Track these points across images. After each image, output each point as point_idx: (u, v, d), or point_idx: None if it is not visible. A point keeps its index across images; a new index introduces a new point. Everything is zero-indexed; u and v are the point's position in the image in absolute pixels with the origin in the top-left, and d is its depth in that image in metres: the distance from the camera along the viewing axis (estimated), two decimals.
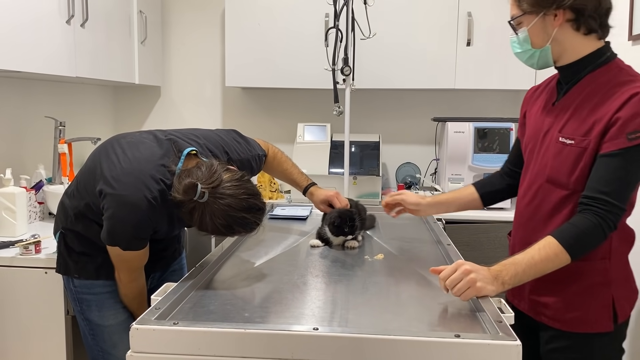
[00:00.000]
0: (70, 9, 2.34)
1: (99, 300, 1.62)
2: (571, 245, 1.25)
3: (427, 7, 3.00)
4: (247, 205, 1.35)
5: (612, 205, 1.25)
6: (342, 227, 1.65)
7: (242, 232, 1.40)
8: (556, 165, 1.37)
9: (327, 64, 2.54)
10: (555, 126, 1.40)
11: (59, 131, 2.62)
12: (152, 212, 1.43)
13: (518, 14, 1.39)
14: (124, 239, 1.46)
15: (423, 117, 3.40)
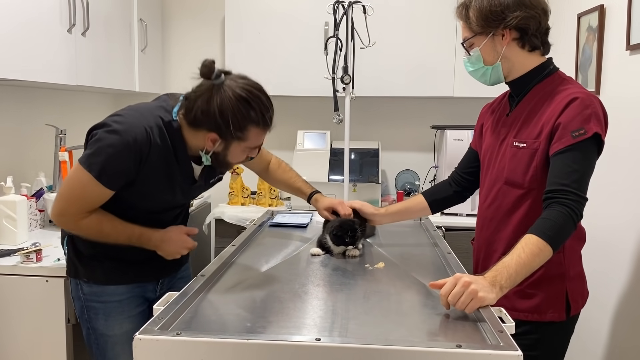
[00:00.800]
0: (72, 17, 2.36)
1: (106, 309, 1.63)
2: (550, 237, 1.32)
3: (426, 16, 3.02)
4: (260, 89, 1.48)
5: (574, 195, 1.36)
6: (343, 237, 1.65)
7: (257, 115, 1.44)
8: (512, 167, 1.53)
9: (326, 72, 2.56)
10: (510, 133, 1.56)
11: (59, 139, 2.62)
12: (143, 142, 1.44)
13: (470, 35, 1.53)
14: (104, 165, 1.42)
15: (422, 125, 3.42)
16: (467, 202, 2.85)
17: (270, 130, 1.53)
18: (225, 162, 1.56)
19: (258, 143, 1.54)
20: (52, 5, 2.24)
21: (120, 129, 1.45)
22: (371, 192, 3.02)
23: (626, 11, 1.98)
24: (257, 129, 1.48)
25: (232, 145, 1.50)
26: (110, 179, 1.45)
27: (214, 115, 1.43)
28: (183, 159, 1.55)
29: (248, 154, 1.56)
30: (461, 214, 2.93)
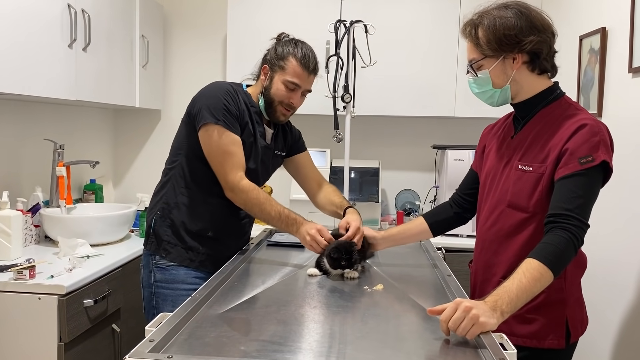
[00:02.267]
0: (73, 33, 2.36)
1: (174, 296, 1.80)
2: (551, 262, 1.30)
3: (428, 36, 3.03)
4: (310, 48, 1.89)
5: (577, 220, 1.34)
6: (339, 259, 1.62)
7: (298, 51, 1.83)
8: (516, 190, 1.50)
9: (327, 90, 2.55)
10: (515, 156, 1.54)
11: (57, 154, 2.61)
12: (233, 92, 1.81)
13: (479, 57, 1.50)
14: (215, 109, 1.75)
15: (423, 144, 3.40)
16: (468, 223, 2.87)
17: (309, 73, 1.83)
18: (270, 98, 1.85)
19: (296, 78, 1.81)
20: (53, 20, 2.24)
21: (212, 88, 1.85)
22: (371, 212, 3.00)
23: (628, 34, 1.97)
24: (296, 61, 1.81)
25: (276, 75, 1.83)
26: (231, 123, 1.77)
27: (269, 51, 1.89)
28: (259, 121, 1.89)
29: (288, 93, 1.83)
30: (462, 235, 2.90)
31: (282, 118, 1.90)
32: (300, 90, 1.85)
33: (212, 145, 1.77)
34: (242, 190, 1.76)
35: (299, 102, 1.88)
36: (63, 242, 2.26)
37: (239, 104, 1.81)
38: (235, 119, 1.79)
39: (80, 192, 3.08)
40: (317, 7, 3.06)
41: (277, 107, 1.87)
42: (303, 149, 2.11)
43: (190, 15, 3.49)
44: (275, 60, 1.84)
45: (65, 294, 1.89)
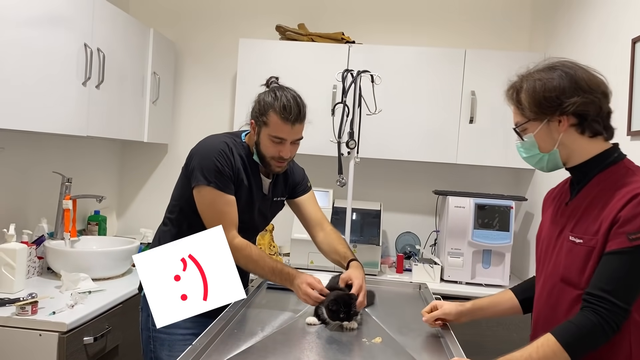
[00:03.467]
0: (88, 71, 2.42)
1: (171, 341, 1.82)
2: (570, 344, 1.24)
3: (433, 86, 3.10)
4: (294, 95, 1.84)
5: (613, 305, 1.24)
6: (337, 312, 1.63)
7: (279, 104, 1.77)
8: (568, 264, 1.38)
9: (332, 133, 2.60)
10: (568, 225, 1.42)
11: (65, 187, 2.65)
12: (230, 152, 1.81)
13: (522, 121, 1.44)
14: (212, 172, 1.77)
15: (424, 189, 3.44)
16: (466, 269, 2.90)
17: (292, 124, 1.78)
18: (261, 154, 1.85)
19: (279, 133, 1.79)
20: (69, 59, 2.31)
21: (205, 147, 1.83)
22: (371, 254, 3.02)
23: (627, 97, 2.01)
24: (276, 115, 1.77)
25: (261, 131, 1.82)
26: (223, 185, 1.78)
27: (254, 104, 1.86)
28: (255, 172, 1.90)
29: (276, 147, 1.81)
30: (461, 282, 2.92)
31: (278, 170, 1.90)
32: (288, 142, 1.83)
33: (205, 205, 1.80)
34: (235, 248, 1.74)
35: (289, 153, 1.86)
36: (66, 276, 2.28)
37: (233, 162, 1.83)
38: (229, 179, 1.80)
39: (84, 223, 3.11)
40: (325, 52, 3.14)
41: (270, 162, 1.86)
42: (306, 191, 2.12)
43: (202, 53, 3.58)
44: (259, 115, 1.82)
45: (66, 331, 1.90)
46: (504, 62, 3.06)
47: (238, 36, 3.38)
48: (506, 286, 2.88)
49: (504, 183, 3.43)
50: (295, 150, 1.89)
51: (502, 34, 3.42)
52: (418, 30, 3.47)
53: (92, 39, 2.46)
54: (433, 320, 1.69)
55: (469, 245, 2.89)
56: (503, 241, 2.86)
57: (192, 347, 1.38)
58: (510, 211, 2.88)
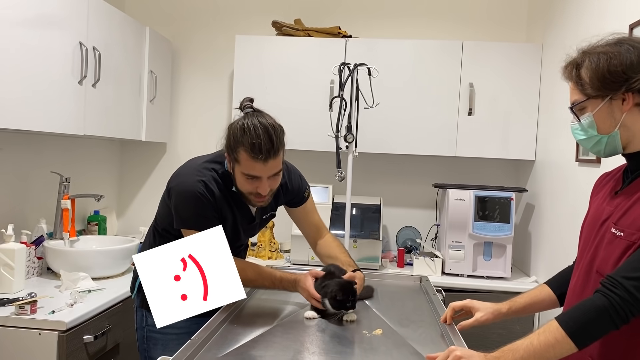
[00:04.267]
0: (84, 70, 2.42)
1: (165, 341, 1.80)
2: (572, 329, 1.17)
3: (431, 79, 3.09)
4: (265, 125, 1.63)
5: (628, 293, 1.15)
6: (344, 301, 1.61)
7: (247, 140, 1.59)
8: (605, 256, 1.30)
9: (330, 128, 2.59)
10: (613, 216, 1.32)
11: (63, 187, 2.64)
12: (208, 192, 1.69)
13: (581, 99, 1.32)
14: (191, 218, 1.68)
15: (424, 182, 3.43)
16: (467, 261, 2.89)
17: (264, 162, 1.61)
18: (238, 190, 1.71)
19: (251, 171, 1.63)
20: (65, 58, 2.30)
21: (183, 190, 1.70)
22: (372, 249, 3.01)
23: None
24: (246, 153, 1.60)
25: (235, 167, 1.67)
26: (205, 227, 1.58)
27: (226, 135, 1.68)
28: (241, 204, 1.79)
29: (251, 183, 1.67)
30: (462, 274, 2.90)
31: (260, 204, 1.76)
32: (264, 179, 1.66)
33: None
34: None
35: (267, 188, 1.68)
36: (65, 275, 2.28)
37: (213, 202, 1.71)
38: (211, 218, 1.70)
39: (84, 223, 3.10)
40: (322, 47, 3.13)
41: (249, 197, 1.72)
42: (304, 201, 2.02)
43: (198, 51, 3.57)
44: (230, 151, 1.66)
45: (65, 330, 1.90)
46: (502, 54, 3.04)
47: (234, 33, 3.36)
48: (507, 278, 2.87)
49: (504, 175, 3.42)
50: (276, 183, 1.73)
51: (499, 26, 3.40)
52: (415, 23, 3.45)
53: (87, 37, 2.45)
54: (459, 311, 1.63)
55: (470, 237, 2.88)
56: (504, 233, 2.85)
57: (192, 342, 1.37)
58: (510, 203, 2.87)
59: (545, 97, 2.99)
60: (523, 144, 3.06)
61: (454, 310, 1.63)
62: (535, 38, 3.21)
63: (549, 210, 2.82)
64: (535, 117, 3.05)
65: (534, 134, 3.06)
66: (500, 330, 2.72)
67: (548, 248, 2.80)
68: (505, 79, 3.05)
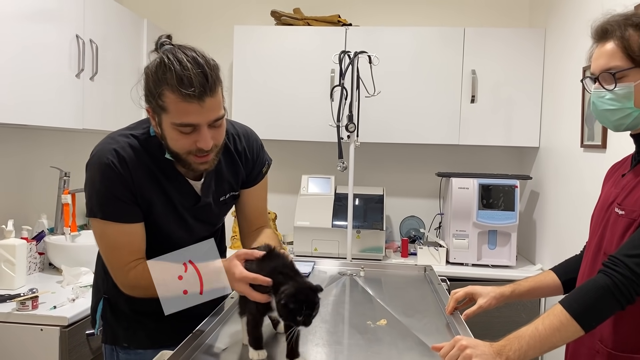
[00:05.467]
0: (81, 63, 2.39)
1: None
2: (577, 311, 1.15)
3: (432, 66, 3.05)
4: (192, 54, 1.27)
5: (630, 271, 1.14)
6: (295, 312, 1.14)
7: (172, 76, 1.22)
8: (610, 236, 1.29)
9: (332, 118, 2.56)
10: (618, 197, 1.31)
11: (63, 181, 2.63)
12: (119, 160, 1.32)
13: (626, 66, 1.24)
14: (98, 200, 1.32)
15: (427, 171, 3.40)
16: (472, 250, 2.86)
17: (200, 100, 1.23)
18: (173, 151, 1.33)
19: (185, 117, 1.25)
20: (62, 51, 2.27)
21: (91, 163, 1.37)
22: (375, 239, 2.99)
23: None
24: (174, 94, 1.23)
25: (162, 121, 1.29)
26: (112, 212, 1.34)
27: (144, 83, 1.29)
28: (175, 177, 1.41)
29: (188, 138, 1.29)
30: (467, 263, 2.88)
31: (205, 167, 1.37)
32: (203, 126, 1.28)
33: (97, 240, 1.40)
34: (132, 285, 1.39)
35: (209, 141, 1.30)
36: (67, 270, 2.27)
37: (128, 178, 1.34)
38: (122, 202, 1.34)
39: (85, 218, 3.09)
40: (322, 35, 3.10)
41: (187, 159, 1.34)
42: (260, 177, 1.61)
43: (197, 42, 3.49)
44: (152, 99, 1.28)
45: (67, 325, 1.89)
46: (504, 40, 3.00)
47: (233, 23, 3.33)
48: (512, 266, 2.85)
49: (507, 162, 3.39)
50: (221, 134, 1.35)
51: (501, 11, 3.36)
52: (415, 10, 3.41)
53: (84, 30, 2.42)
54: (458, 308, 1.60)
55: (474, 226, 2.86)
56: (508, 221, 2.83)
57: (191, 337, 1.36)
58: (515, 190, 2.84)
59: (548, 83, 2.95)
60: (527, 131, 3.02)
61: (456, 300, 1.60)
62: (538, 23, 3.17)
63: (554, 197, 2.79)
64: (539, 103, 3.02)
65: (538, 120, 3.02)
66: (506, 319, 2.70)
67: (553, 235, 2.77)
68: (507, 65, 3.01)
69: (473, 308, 1.55)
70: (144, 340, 1.52)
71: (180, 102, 1.23)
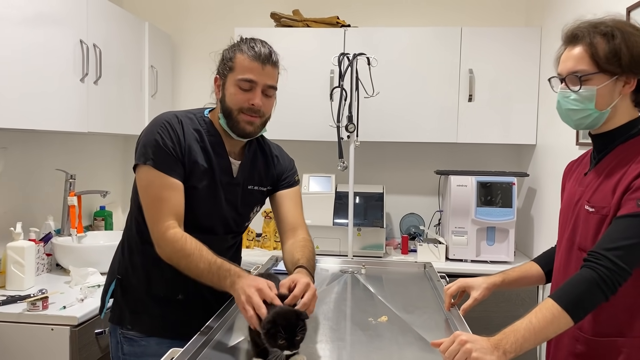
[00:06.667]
0: (85, 67, 2.43)
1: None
2: (567, 302, 1.23)
3: (430, 66, 3.09)
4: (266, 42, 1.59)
5: (613, 264, 1.23)
6: (276, 336, 1.17)
7: (244, 45, 1.54)
8: (583, 232, 1.39)
9: (331, 118, 2.61)
10: (585, 195, 1.41)
11: (69, 184, 2.67)
12: (176, 124, 1.54)
13: (591, 70, 1.33)
14: (152, 149, 1.49)
15: (426, 169, 3.45)
16: (470, 247, 2.91)
17: (262, 64, 1.53)
18: (228, 109, 1.55)
19: (248, 73, 1.52)
20: (66, 56, 2.32)
21: (150, 123, 1.57)
22: (376, 237, 3.03)
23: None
24: (243, 55, 1.52)
25: (227, 80, 1.55)
26: (162, 162, 1.49)
27: (219, 60, 1.60)
28: (219, 151, 1.61)
29: (244, 94, 1.53)
30: (466, 259, 2.93)
31: (250, 128, 1.56)
32: (259, 86, 1.53)
33: (141, 191, 1.52)
34: (166, 241, 1.45)
35: (261, 102, 1.54)
36: (75, 271, 2.31)
37: (181, 138, 1.53)
38: (174, 158, 1.51)
39: (91, 219, 3.14)
40: (321, 37, 3.14)
41: (237, 117, 1.55)
42: (291, 184, 1.78)
43: (198, 44, 3.58)
44: (223, 65, 1.57)
45: (77, 324, 1.94)
46: (501, 39, 3.05)
47: (233, 25, 3.37)
48: (510, 261, 2.90)
49: (505, 160, 3.44)
50: (269, 105, 1.59)
51: (497, 10, 3.40)
52: (413, 11, 3.45)
53: (88, 35, 2.47)
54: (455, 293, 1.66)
55: (473, 223, 2.90)
56: (506, 217, 2.87)
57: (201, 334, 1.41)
58: (512, 187, 2.89)
59: (545, 81, 2.99)
60: (524, 129, 3.07)
61: (450, 295, 1.67)
62: (535, 22, 3.21)
63: (550, 193, 2.84)
64: (536, 101, 3.06)
65: (535, 118, 3.07)
66: (505, 314, 2.76)
67: (550, 231, 2.82)
68: (504, 64, 3.06)
69: (468, 302, 1.62)
70: (147, 325, 1.60)
71: (247, 60, 1.52)
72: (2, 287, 2.21)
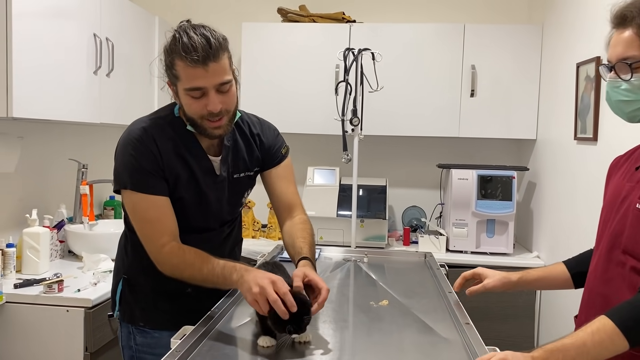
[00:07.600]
0: (98, 60, 2.51)
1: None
2: (629, 328, 1.07)
3: (433, 62, 3.15)
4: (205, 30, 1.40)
5: None
6: (284, 322, 1.26)
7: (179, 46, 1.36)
8: (633, 234, 1.21)
9: (336, 112, 2.68)
10: (635, 191, 1.23)
11: (81, 173, 2.76)
12: (147, 137, 1.46)
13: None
14: (128, 172, 1.44)
15: (428, 163, 3.52)
16: (470, 239, 2.98)
17: (203, 65, 1.37)
18: (190, 118, 1.47)
19: (193, 81, 1.40)
20: (80, 49, 2.39)
21: (120, 141, 1.51)
22: (378, 228, 3.11)
23: None
24: (182, 61, 1.37)
25: (178, 90, 1.45)
26: (141, 183, 1.45)
27: (163, 60, 1.46)
28: (197, 153, 1.54)
29: (198, 102, 1.43)
30: (466, 251, 3.01)
31: (218, 131, 1.49)
32: (210, 90, 1.42)
33: (130, 215, 1.52)
34: (164, 259, 1.46)
35: (218, 105, 1.43)
36: (87, 257, 2.40)
37: (156, 153, 1.47)
38: (150, 174, 1.46)
39: (101, 208, 3.22)
40: (327, 32, 3.20)
41: (202, 124, 1.47)
42: (279, 159, 1.72)
43: None
44: (168, 71, 1.44)
45: (91, 306, 2.03)
46: (503, 35, 3.11)
47: (241, 20, 3.43)
48: (510, 253, 2.97)
49: (506, 154, 3.50)
50: (230, 100, 1.48)
51: (500, 7, 3.46)
52: (417, 7, 3.51)
53: (101, 29, 2.54)
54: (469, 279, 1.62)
55: (473, 215, 2.97)
56: (506, 210, 2.94)
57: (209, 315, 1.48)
58: (512, 181, 2.95)
59: (545, 77, 3.05)
60: (524, 124, 3.13)
61: (464, 278, 1.65)
62: (537, 19, 3.27)
63: (549, 187, 2.91)
64: (536, 97, 3.12)
65: (535, 113, 3.13)
66: (503, 303, 2.83)
67: (549, 224, 2.89)
68: (506, 60, 3.12)
69: (477, 287, 1.60)
70: (159, 321, 1.61)
71: (187, 67, 1.38)
72: (19, 271, 2.29)
